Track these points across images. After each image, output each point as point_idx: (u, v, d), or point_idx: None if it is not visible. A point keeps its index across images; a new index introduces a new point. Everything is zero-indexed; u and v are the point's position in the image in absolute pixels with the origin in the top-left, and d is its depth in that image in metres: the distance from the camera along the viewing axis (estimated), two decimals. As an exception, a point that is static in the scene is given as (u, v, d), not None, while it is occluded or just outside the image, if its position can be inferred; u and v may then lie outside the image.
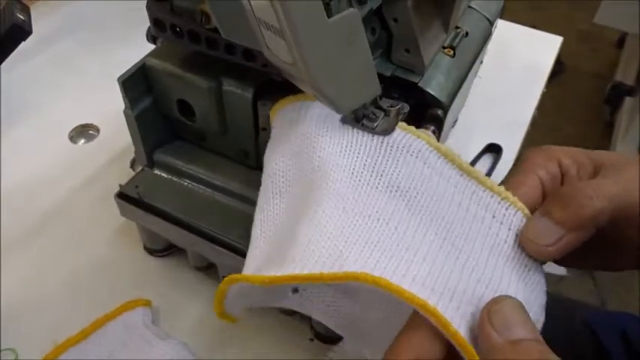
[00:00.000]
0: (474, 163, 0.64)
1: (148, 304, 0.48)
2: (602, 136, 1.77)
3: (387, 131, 0.34)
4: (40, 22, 0.76)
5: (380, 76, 0.41)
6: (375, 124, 0.35)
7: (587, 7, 1.72)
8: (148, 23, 0.44)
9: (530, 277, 0.31)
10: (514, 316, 0.26)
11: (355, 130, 0.34)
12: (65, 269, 0.52)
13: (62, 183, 0.59)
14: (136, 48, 0.45)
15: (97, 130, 0.64)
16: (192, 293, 0.50)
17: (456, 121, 0.64)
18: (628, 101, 1.73)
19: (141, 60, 0.43)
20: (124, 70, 0.42)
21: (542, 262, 0.32)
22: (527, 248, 0.31)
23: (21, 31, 0.31)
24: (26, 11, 0.32)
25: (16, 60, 0.69)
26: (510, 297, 0.28)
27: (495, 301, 0.27)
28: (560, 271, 1.48)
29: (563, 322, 0.62)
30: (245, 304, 0.37)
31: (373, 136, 0.34)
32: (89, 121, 0.64)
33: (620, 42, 2.04)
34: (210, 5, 0.32)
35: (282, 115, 0.37)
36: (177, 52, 0.42)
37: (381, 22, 0.39)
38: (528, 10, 2.04)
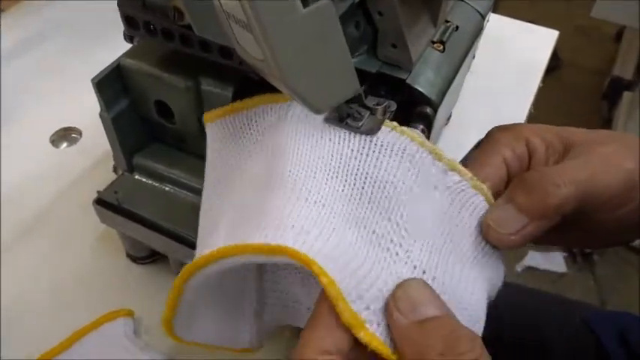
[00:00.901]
0: (467, 158, 0.63)
1: (130, 314, 0.46)
2: (600, 131, 1.75)
3: (372, 131, 0.33)
4: (19, 24, 0.75)
5: (365, 73, 0.39)
6: (360, 124, 0.33)
7: (584, 1, 1.70)
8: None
9: (484, 267, 0.31)
10: (419, 295, 0.25)
11: (338, 129, 0.33)
12: (45, 278, 0.50)
13: (44, 188, 0.57)
14: (118, 49, 0.43)
15: (80, 133, 0.62)
16: (176, 302, 0.48)
17: (449, 117, 0.63)
18: (626, 96, 1.72)
19: (115, 60, 0.41)
20: (105, 72, 0.41)
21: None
22: (488, 236, 0.30)
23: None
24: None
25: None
26: (414, 278, 0.27)
27: (399, 285, 0.26)
28: (560, 267, 1.47)
29: (562, 322, 0.61)
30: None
31: (357, 135, 0.33)
32: (71, 124, 0.62)
33: (618, 36, 2.03)
34: (183, 1, 0.31)
35: (244, 119, 0.35)
36: (153, 51, 0.41)
37: (365, 15, 0.38)
38: (525, 6, 2.02)
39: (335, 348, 0.24)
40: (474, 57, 0.51)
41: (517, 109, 0.67)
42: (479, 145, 0.64)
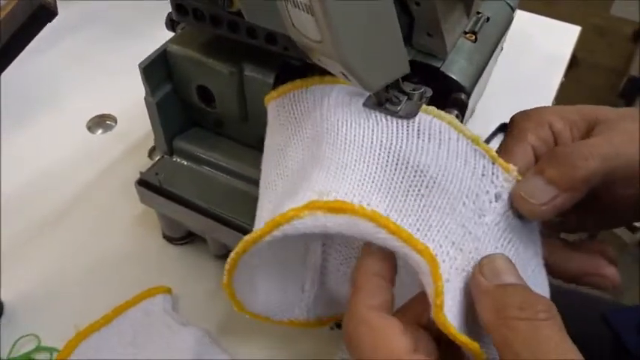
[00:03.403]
0: (487, 142, 0.65)
1: (168, 291, 0.48)
2: (616, 131, 1.75)
3: (410, 115, 0.34)
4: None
5: (401, 60, 0.41)
6: (399, 108, 0.34)
7: (601, 1, 1.70)
8: (162, 16, 0.44)
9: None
10: (503, 266, 0.29)
11: (378, 113, 0.34)
12: (85, 258, 0.52)
13: (80, 172, 0.59)
14: (153, 40, 0.45)
15: (115, 120, 0.64)
16: (212, 281, 0.50)
17: (473, 111, 0.64)
18: (643, 95, 1.71)
19: (161, 46, 0.43)
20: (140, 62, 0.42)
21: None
22: (519, 206, 0.32)
23: (47, 12, 0.31)
24: (52, -7, 0.33)
25: (34, 51, 0.70)
26: (499, 253, 0.30)
27: (485, 256, 0.30)
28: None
29: (580, 318, 0.62)
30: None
31: (396, 119, 0.34)
32: (107, 112, 0.65)
33: (635, 35, 2.02)
34: (234, -13, 0.32)
35: (289, 100, 0.37)
36: (197, 38, 0.42)
37: (401, 5, 0.39)
38: (542, 4, 2.02)
39: (381, 305, 0.29)
40: (501, 49, 0.53)
41: (540, 104, 0.68)
42: (501, 130, 0.65)
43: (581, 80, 1.89)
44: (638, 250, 1.47)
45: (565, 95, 0.72)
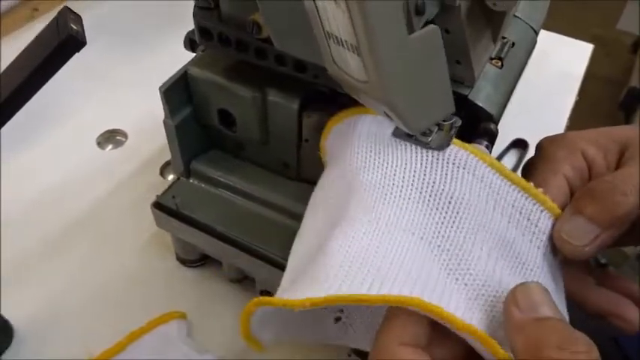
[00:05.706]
0: (500, 158, 0.64)
1: (183, 316, 0.47)
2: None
3: (441, 146, 0.33)
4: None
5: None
6: (429, 139, 0.33)
7: (601, 11, 1.71)
8: (177, 29, 0.43)
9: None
10: (539, 296, 0.26)
11: (408, 145, 0.33)
12: (95, 280, 0.51)
13: (91, 189, 0.58)
14: (165, 54, 0.44)
15: (125, 135, 0.63)
16: (227, 305, 0.49)
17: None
18: (643, 107, 1.72)
19: (182, 68, 0.42)
20: (152, 76, 0.42)
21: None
22: (561, 248, 0.31)
23: (76, 42, 0.30)
24: (79, 22, 0.32)
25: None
26: (535, 282, 0.28)
27: (520, 285, 0.27)
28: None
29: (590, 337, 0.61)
30: (276, 332, 0.36)
31: (427, 151, 0.33)
32: (117, 127, 0.63)
33: (635, 47, 2.03)
34: (266, 16, 0.31)
35: (335, 132, 0.36)
36: (219, 61, 0.41)
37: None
38: (542, 14, 2.01)
39: (413, 341, 0.26)
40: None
41: (555, 122, 0.68)
42: (514, 146, 0.65)
43: (581, 91, 1.90)
44: (638, 262, 1.47)
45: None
